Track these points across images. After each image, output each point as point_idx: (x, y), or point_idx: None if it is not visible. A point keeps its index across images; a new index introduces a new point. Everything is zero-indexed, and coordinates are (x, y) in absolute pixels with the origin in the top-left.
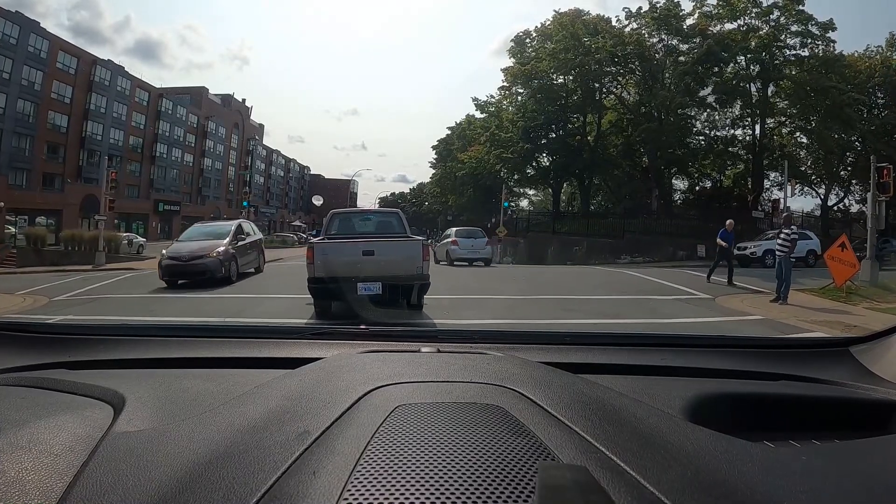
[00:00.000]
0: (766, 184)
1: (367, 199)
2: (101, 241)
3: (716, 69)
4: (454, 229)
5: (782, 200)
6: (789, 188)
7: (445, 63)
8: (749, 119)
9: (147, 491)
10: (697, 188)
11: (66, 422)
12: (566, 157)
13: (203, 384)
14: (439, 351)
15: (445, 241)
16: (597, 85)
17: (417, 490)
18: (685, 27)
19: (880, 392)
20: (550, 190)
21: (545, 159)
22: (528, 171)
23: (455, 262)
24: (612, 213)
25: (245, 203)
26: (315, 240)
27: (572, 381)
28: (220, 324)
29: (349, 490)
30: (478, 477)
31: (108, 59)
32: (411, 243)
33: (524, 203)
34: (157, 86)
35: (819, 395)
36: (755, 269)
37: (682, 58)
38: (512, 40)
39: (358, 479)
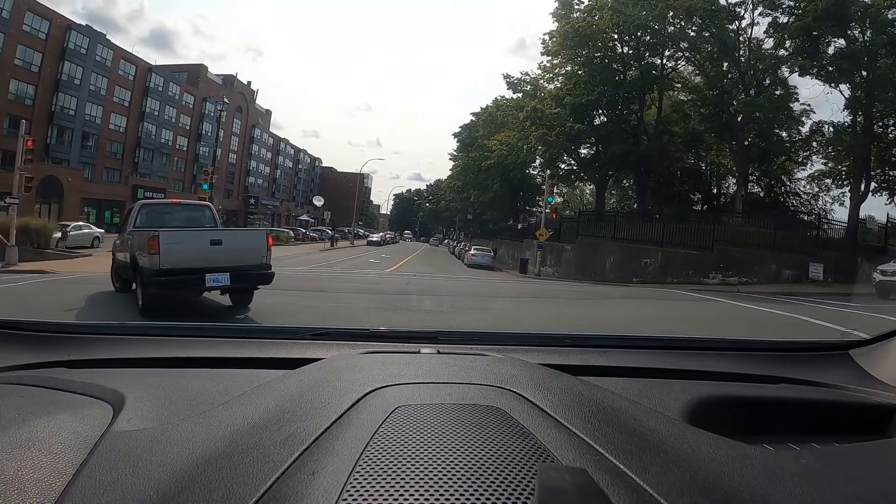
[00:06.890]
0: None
1: (382, 195)
2: (12, 232)
3: (839, 30)
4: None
5: None
6: None
7: (460, 61)
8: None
9: (146, 490)
10: (774, 191)
11: (65, 421)
12: (622, 144)
13: (202, 384)
14: (439, 352)
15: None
16: (658, 61)
17: (416, 491)
18: None
19: (880, 396)
20: (594, 186)
21: (585, 150)
22: (562, 164)
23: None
24: (661, 215)
25: (205, 186)
26: (163, 230)
27: (572, 383)
28: (220, 324)
29: (348, 491)
30: (477, 478)
31: (87, 25)
32: (257, 234)
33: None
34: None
35: (818, 398)
36: None
37: (784, 18)
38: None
39: (357, 480)
